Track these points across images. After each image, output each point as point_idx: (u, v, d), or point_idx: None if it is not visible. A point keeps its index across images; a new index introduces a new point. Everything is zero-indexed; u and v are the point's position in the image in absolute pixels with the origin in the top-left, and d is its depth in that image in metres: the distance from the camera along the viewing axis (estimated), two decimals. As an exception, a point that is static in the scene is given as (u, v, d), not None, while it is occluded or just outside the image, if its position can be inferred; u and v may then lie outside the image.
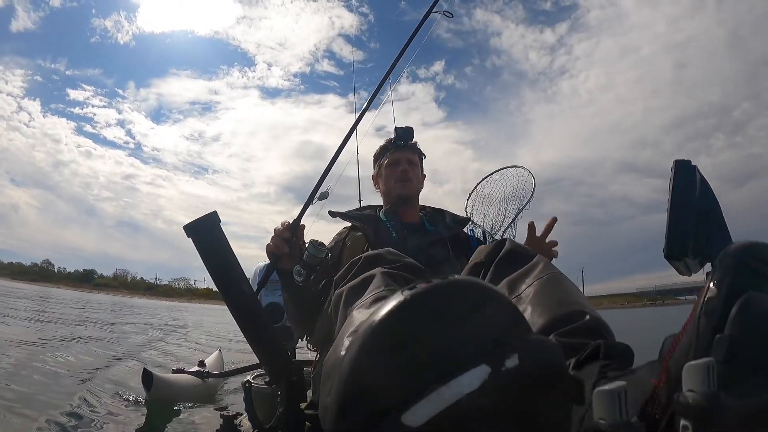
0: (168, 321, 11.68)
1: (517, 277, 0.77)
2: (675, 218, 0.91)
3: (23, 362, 3.18)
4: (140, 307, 19.69)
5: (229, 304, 0.86)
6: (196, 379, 2.62)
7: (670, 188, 0.93)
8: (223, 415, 1.41)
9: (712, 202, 0.91)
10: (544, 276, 0.74)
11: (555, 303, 0.68)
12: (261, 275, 2.00)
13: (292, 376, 0.96)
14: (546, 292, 0.71)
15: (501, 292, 0.43)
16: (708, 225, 0.89)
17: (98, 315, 10.50)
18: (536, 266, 0.78)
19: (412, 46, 1.36)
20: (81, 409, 2.22)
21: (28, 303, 11.60)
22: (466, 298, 0.38)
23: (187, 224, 0.81)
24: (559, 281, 0.74)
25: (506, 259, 0.82)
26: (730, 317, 0.38)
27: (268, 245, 1.17)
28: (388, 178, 1.43)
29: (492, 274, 0.81)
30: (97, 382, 2.90)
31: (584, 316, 0.64)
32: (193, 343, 6.80)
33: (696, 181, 0.92)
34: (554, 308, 0.67)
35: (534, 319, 0.67)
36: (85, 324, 7.58)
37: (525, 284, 0.75)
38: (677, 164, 0.94)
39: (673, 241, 0.90)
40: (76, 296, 25.34)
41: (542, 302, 0.69)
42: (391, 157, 1.43)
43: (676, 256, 0.90)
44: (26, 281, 49.41)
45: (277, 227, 1.17)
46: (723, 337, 0.37)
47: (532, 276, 0.75)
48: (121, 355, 4.29)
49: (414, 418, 0.31)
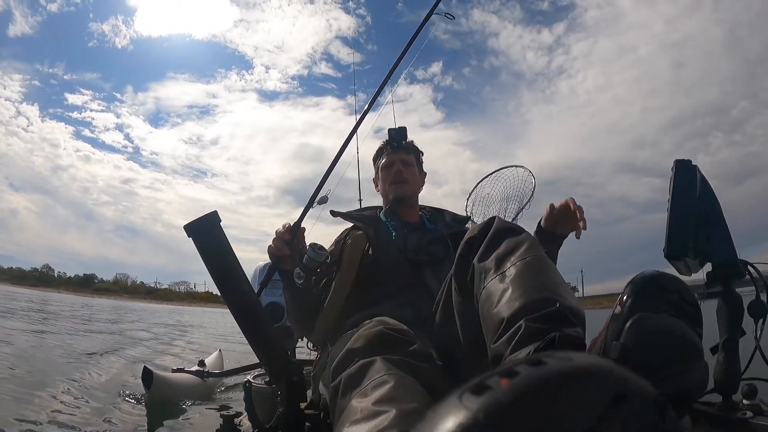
0: (170, 322, 11.67)
1: (504, 253, 0.81)
2: (675, 218, 0.91)
3: (23, 362, 3.18)
4: (144, 311, 19.73)
5: (229, 304, 0.86)
6: (196, 379, 2.62)
7: (670, 188, 0.93)
8: (223, 415, 1.41)
9: (713, 202, 0.91)
10: (527, 257, 0.78)
11: (531, 287, 0.72)
12: (261, 275, 2.01)
13: (292, 376, 0.96)
14: (526, 274, 0.75)
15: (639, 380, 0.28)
16: (708, 225, 0.89)
17: (103, 316, 10.48)
18: (522, 244, 0.81)
19: (412, 48, 1.35)
20: (81, 407, 2.22)
21: (30, 305, 11.57)
22: (588, 396, 0.24)
23: (188, 224, 0.81)
24: (539, 265, 0.77)
25: (497, 234, 0.86)
26: (624, 330, 0.52)
27: (269, 246, 1.17)
28: (384, 180, 1.43)
29: (484, 247, 0.85)
30: (98, 380, 2.90)
31: (555, 304, 0.67)
32: (195, 344, 6.81)
33: (696, 181, 0.92)
34: (530, 292, 0.70)
35: (512, 300, 0.71)
36: (88, 324, 7.58)
37: (510, 262, 0.78)
38: (677, 164, 0.94)
39: (674, 241, 0.90)
40: (78, 300, 25.32)
41: (521, 284, 0.73)
42: (386, 159, 1.44)
43: (677, 256, 0.90)
44: (27, 286, 49.30)
45: (278, 229, 1.17)
46: (617, 344, 0.52)
47: (516, 255, 0.79)
48: (123, 354, 4.29)
49: None
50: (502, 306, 0.71)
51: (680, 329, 0.54)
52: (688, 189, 0.91)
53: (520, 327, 0.65)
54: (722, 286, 0.88)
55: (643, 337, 0.51)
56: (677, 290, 0.57)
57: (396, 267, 1.25)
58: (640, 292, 0.55)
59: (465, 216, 1.52)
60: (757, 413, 0.80)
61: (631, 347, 0.51)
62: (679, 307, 0.56)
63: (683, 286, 0.58)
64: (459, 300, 0.92)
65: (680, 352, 0.52)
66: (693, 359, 0.52)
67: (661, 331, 0.52)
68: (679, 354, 0.52)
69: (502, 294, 0.73)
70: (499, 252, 0.82)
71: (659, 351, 0.51)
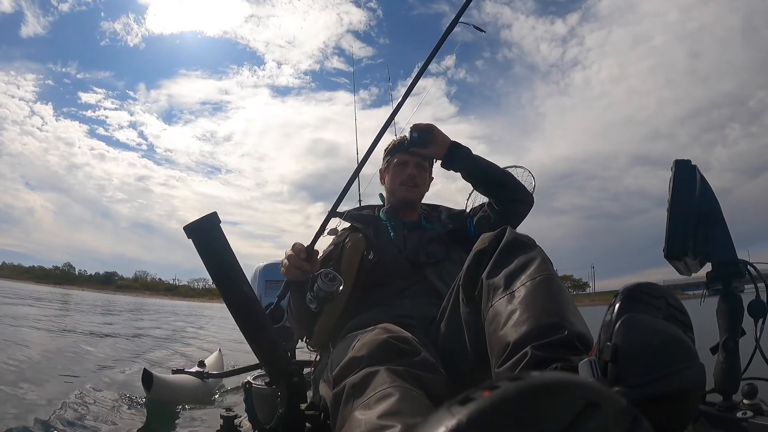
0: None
1: (514, 271, 0.79)
2: (675, 218, 0.91)
3: (23, 362, 3.18)
4: (181, 309, 19.87)
5: (229, 304, 0.86)
6: (196, 380, 2.62)
7: (670, 188, 0.93)
8: (223, 416, 1.41)
9: (713, 202, 0.91)
10: (537, 277, 0.76)
11: (540, 311, 0.70)
12: (261, 276, 2.01)
13: (293, 377, 0.96)
14: (535, 296, 0.73)
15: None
16: (708, 225, 0.89)
17: (149, 315, 10.48)
18: (533, 261, 0.79)
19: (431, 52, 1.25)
20: (80, 409, 2.22)
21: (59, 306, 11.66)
22: (558, 406, 0.27)
23: (187, 225, 0.81)
24: (549, 286, 0.75)
25: (508, 248, 0.84)
26: (614, 330, 0.54)
27: (284, 269, 1.12)
28: (394, 177, 1.40)
29: (493, 263, 0.83)
30: (98, 381, 2.90)
31: (563, 331, 0.66)
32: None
33: (696, 181, 0.92)
34: (538, 317, 0.69)
35: (518, 325, 0.69)
36: (136, 322, 7.56)
37: (520, 281, 0.77)
38: (677, 164, 0.94)
39: (673, 241, 0.90)
40: (103, 298, 25.60)
41: (529, 308, 0.71)
42: (401, 157, 1.40)
43: (677, 256, 0.90)
44: (50, 284, 49.17)
45: (291, 254, 1.11)
46: (610, 344, 0.53)
47: (527, 274, 0.77)
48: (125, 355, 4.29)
49: None
50: (509, 329, 0.70)
51: (671, 329, 0.54)
52: (687, 189, 0.91)
53: (525, 354, 0.64)
54: (722, 285, 0.88)
55: (635, 335, 0.52)
56: (663, 296, 0.57)
57: (396, 267, 1.25)
58: (628, 297, 0.56)
59: (459, 210, 1.50)
60: (758, 413, 0.80)
61: (623, 346, 0.52)
62: (668, 312, 0.57)
63: (669, 293, 0.58)
64: (466, 311, 0.91)
65: (674, 351, 0.52)
66: (688, 358, 0.52)
67: (652, 331, 0.53)
68: (673, 353, 0.52)
69: (509, 316, 0.72)
70: (509, 269, 0.80)
71: (652, 350, 0.52)
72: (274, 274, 1.94)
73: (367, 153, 1.24)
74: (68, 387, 2.62)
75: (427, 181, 1.44)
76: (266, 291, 1.93)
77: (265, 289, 1.94)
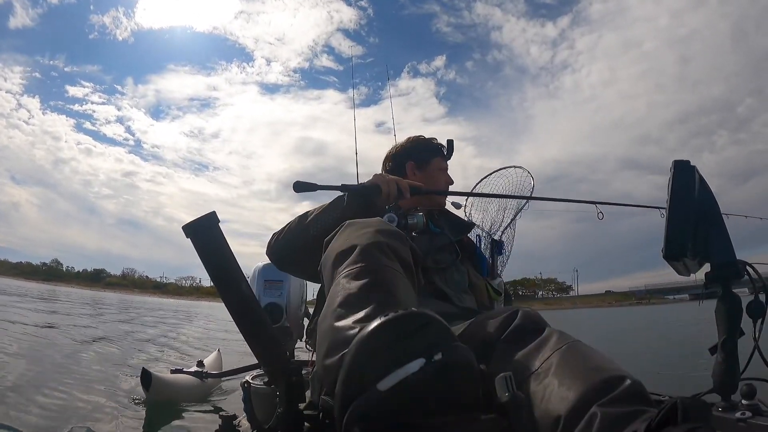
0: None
1: (530, 352, 0.70)
2: (674, 219, 0.91)
3: (23, 361, 3.18)
4: (176, 307, 19.87)
5: (227, 304, 0.86)
6: (194, 379, 2.62)
7: (669, 189, 0.93)
8: (221, 415, 1.41)
9: (711, 203, 0.91)
10: (563, 345, 0.68)
11: (586, 371, 0.62)
12: (261, 276, 2.00)
13: (291, 377, 0.96)
14: (571, 361, 0.65)
15: (438, 317, 0.57)
16: (707, 225, 0.89)
17: (142, 313, 10.50)
18: (550, 338, 0.71)
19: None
20: (79, 408, 2.22)
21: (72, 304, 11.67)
22: (416, 322, 0.56)
23: (186, 224, 0.81)
24: (581, 349, 0.68)
25: (516, 333, 0.76)
26: None
27: (382, 177, 1.20)
28: (436, 181, 1.44)
29: (501, 350, 0.74)
30: (96, 381, 2.90)
31: (624, 381, 0.58)
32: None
33: (695, 182, 0.92)
34: (587, 377, 0.60)
35: (563, 392, 0.60)
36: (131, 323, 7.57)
37: (540, 358, 0.68)
38: (676, 165, 0.94)
39: (673, 241, 0.90)
40: (92, 295, 25.53)
41: (570, 373, 0.63)
42: (443, 164, 1.47)
43: (676, 257, 0.90)
44: (38, 281, 49.06)
45: (402, 181, 1.22)
46: None
47: (548, 347, 0.69)
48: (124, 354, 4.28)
49: (383, 385, 0.53)
50: (551, 406, 0.60)
51: None
52: (686, 189, 0.91)
53: (594, 416, 0.54)
54: (721, 286, 0.88)
55: None
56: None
57: None
58: None
59: (468, 222, 1.52)
60: (756, 413, 0.80)
61: None
62: None
63: None
64: None
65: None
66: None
67: None
68: None
69: (543, 393, 0.62)
70: (524, 352, 0.70)
71: None
72: (273, 274, 1.94)
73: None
74: (67, 386, 2.62)
75: None
76: (265, 290, 1.92)
77: (264, 288, 1.93)
